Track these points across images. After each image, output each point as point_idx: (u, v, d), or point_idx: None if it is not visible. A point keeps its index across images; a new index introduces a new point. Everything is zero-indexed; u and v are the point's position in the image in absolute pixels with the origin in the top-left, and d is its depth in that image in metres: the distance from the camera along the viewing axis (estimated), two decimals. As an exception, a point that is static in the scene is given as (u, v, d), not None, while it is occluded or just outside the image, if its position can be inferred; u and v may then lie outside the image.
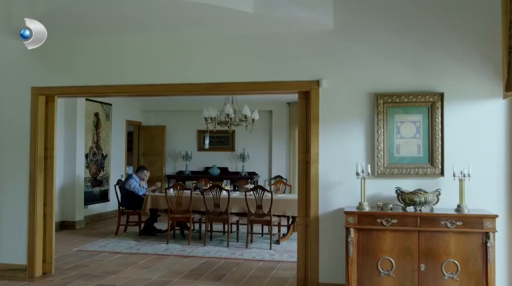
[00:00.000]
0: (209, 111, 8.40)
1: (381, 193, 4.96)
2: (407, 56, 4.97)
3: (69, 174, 9.46)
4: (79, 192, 9.62)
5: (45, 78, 5.72)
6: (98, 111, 10.62)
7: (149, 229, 8.69)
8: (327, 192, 5.09)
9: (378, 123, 4.97)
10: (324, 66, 5.12)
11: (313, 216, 5.09)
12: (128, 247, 7.64)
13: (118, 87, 5.53)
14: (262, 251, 7.41)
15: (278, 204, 7.70)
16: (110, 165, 11.09)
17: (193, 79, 5.36)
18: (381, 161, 4.97)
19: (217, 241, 8.16)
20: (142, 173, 8.95)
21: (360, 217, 4.58)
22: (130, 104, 12.07)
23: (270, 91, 5.41)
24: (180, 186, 7.94)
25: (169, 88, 5.40)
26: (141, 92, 5.53)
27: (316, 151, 5.10)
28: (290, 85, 5.21)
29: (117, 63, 5.59)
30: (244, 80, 5.28)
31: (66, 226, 9.32)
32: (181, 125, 12.51)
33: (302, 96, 5.28)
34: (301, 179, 5.28)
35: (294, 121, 11.68)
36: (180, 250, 7.42)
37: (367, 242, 4.57)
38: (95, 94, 5.80)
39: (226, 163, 12.37)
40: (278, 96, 10.90)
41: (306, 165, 5.24)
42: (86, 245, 7.70)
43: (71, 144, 9.48)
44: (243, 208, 7.86)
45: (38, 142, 5.72)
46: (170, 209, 7.92)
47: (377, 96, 4.97)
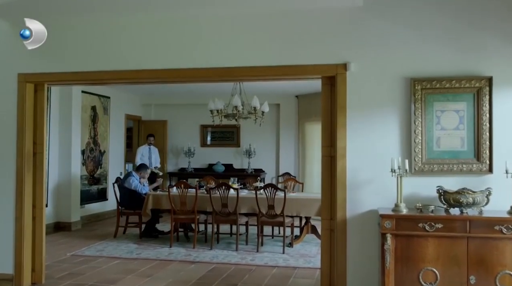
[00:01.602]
0: (216, 103, 7.73)
1: (418, 192, 4.32)
2: (449, 37, 4.33)
3: (64, 171, 8.81)
4: (75, 190, 8.96)
5: (33, 63, 5.06)
6: (96, 104, 9.96)
7: (151, 230, 8.05)
8: (355, 192, 4.45)
9: (415, 112, 4.32)
10: (352, 48, 4.47)
11: (340, 219, 4.45)
12: (128, 251, 7.00)
13: (117, 73, 4.87)
14: (274, 255, 6.77)
15: (291, 203, 7.05)
16: (108, 162, 10.44)
17: (201, 64, 4.70)
18: (419, 156, 4.33)
19: (224, 244, 7.52)
20: (144, 172, 8.31)
21: (399, 221, 3.94)
22: (130, 97, 11.42)
23: (289, 76, 4.76)
24: (184, 184, 7.29)
25: (174, 74, 4.74)
26: (142, 78, 4.86)
27: (343, 145, 4.45)
28: (313, 70, 4.55)
29: (115, 46, 4.94)
30: (260, 65, 4.62)
31: (61, 228, 8.67)
32: (183, 119, 11.86)
33: (327, 82, 4.63)
34: (325, 176, 4.63)
35: (303, 115, 11.04)
36: (185, 255, 6.78)
37: (406, 250, 3.93)
38: (90, 81, 5.13)
39: (231, 159, 11.72)
40: (286, 89, 10.29)
41: (331, 161, 4.60)
42: (82, 249, 7.06)
43: (66, 139, 8.82)
44: (253, 208, 7.23)
45: (26, 136, 5.07)
46: (174, 209, 7.28)
47: (414, 82, 4.32)
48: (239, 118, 7.85)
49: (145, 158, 10.43)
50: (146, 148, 10.63)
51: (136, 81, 5.02)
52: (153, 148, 10.75)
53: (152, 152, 10.66)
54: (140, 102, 11.93)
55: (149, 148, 10.64)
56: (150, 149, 10.65)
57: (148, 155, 10.54)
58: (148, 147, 10.65)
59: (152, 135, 10.90)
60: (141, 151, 10.57)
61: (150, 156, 10.57)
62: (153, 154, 10.67)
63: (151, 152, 10.63)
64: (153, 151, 10.68)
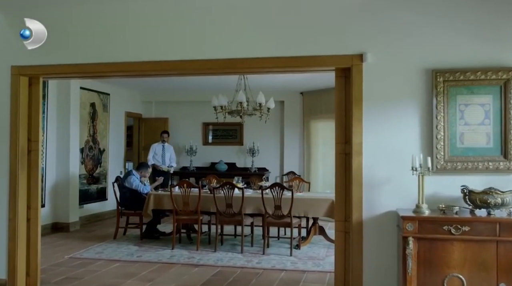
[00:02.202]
0: (220, 99, 7.42)
1: (439, 192, 4.02)
2: (474, 25, 4.02)
3: (62, 170, 8.50)
4: (74, 190, 8.66)
5: (27, 56, 4.69)
6: (95, 101, 9.66)
7: (152, 232, 7.75)
8: (372, 191, 4.14)
9: (437, 106, 4.02)
10: (368, 37, 4.16)
11: (356, 220, 4.14)
12: (129, 253, 6.70)
13: (117, 66, 4.55)
14: (281, 258, 6.47)
15: (298, 203, 6.76)
16: (108, 161, 10.15)
17: (207, 55, 4.39)
18: (441, 153, 4.02)
19: (228, 246, 7.22)
20: (145, 171, 8.01)
21: (422, 223, 3.64)
22: (130, 94, 11.11)
23: (301, 68, 4.45)
24: (187, 183, 6.99)
25: (178, 66, 4.42)
26: (145, 71, 4.55)
27: (359, 141, 4.15)
28: (327, 61, 4.25)
29: (116, 37, 4.63)
30: (269, 56, 4.31)
31: (59, 228, 8.37)
32: (184, 117, 11.54)
33: (341, 74, 4.32)
34: (339, 175, 4.33)
35: (308, 112, 10.73)
36: (188, 258, 6.48)
37: (430, 255, 3.63)
38: (89, 74, 4.81)
39: (234, 158, 11.41)
40: (291, 85, 9.99)
41: (345, 158, 4.29)
42: (80, 251, 6.76)
43: (64, 137, 8.51)
44: (258, 208, 6.93)
45: (20, 132, 4.76)
46: (176, 210, 6.98)
47: (435, 73, 4.01)
48: (243, 115, 7.54)
49: (158, 156, 10.04)
50: (160, 145, 10.15)
51: (137, 74, 4.70)
52: (168, 145, 10.27)
53: (166, 149, 10.19)
54: (141, 99, 11.63)
55: (162, 146, 10.15)
56: (164, 147, 10.16)
57: (161, 153, 10.09)
58: (161, 145, 10.16)
59: (166, 132, 10.43)
60: (154, 148, 10.11)
61: (164, 154, 10.11)
62: (167, 151, 10.19)
63: (165, 149, 10.16)
64: (167, 149, 10.20)
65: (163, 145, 10.16)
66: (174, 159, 10.40)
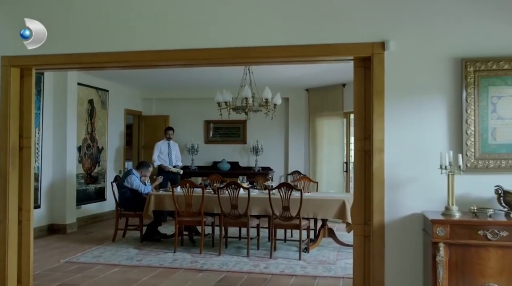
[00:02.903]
0: (224, 95, 7.06)
1: (470, 193, 3.66)
2: (508, 10, 3.66)
3: (59, 169, 8.14)
4: (71, 190, 8.30)
5: (19, 45, 4.32)
6: (93, 97, 9.30)
7: (152, 234, 7.40)
8: (395, 192, 3.78)
9: (466, 99, 3.66)
10: (391, 23, 3.81)
11: (377, 224, 3.78)
12: (128, 257, 6.34)
13: (118, 56, 4.17)
14: (290, 262, 6.12)
15: (307, 204, 6.40)
16: (106, 159, 9.79)
17: (215, 44, 4.01)
18: (471, 150, 3.67)
19: (233, 249, 6.86)
20: (146, 171, 7.65)
21: (454, 228, 3.27)
22: (129, 91, 10.75)
23: (316, 57, 4.08)
24: (190, 183, 6.64)
25: (185, 56, 4.04)
26: (148, 61, 4.17)
27: (380, 137, 3.79)
28: (345, 49, 3.87)
29: (117, 24, 4.25)
30: (283, 44, 3.94)
31: (55, 230, 8.01)
32: (186, 115, 11.17)
33: (360, 64, 3.96)
34: (358, 174, 3.96)
35: (314, 109, 10.37)
36: (191, 262, 6.12)
37: (463, 263, 3.27)
38: (85, 65, 4.42)
39: (237, 156, 11.05)
40: (296, 82, 9.63)
41: (365, 156, 3.93)
42: (77, 255, 6.39)
43: (61, 134, 8.15)
44: (265, 210, 6.58)
45: (11, 128, 4.40)
46: (178, 211, 6.62)
47: (465, 63, 3.65)
48: (249, 112, 7.17)
49: (164, 155, 9.37)
50: (165, 143, 9.46)
51: (139, 65, 4.33)
52: (173, 143, 9.62)
53: (172, 148, 9.53)
54: (141, 96, 11.27)
55: (168, 143, 9.47)
56: (170, 145, 9.49)
57: (167, 151, 9.41)
58: (167, 142, 9.47)
59: (171, 129, 9.71)
60: (159, 147, 9.40)
61: (170, 152, 9.43)
62: (173, 150, 9.53)
63: (171, 148, 9.49)
64: (173, 147, 9.55)
65: (168, 143, 9.50)
66: (179, 157, 9.75)
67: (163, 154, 9.38)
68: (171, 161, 9.40)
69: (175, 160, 9.51)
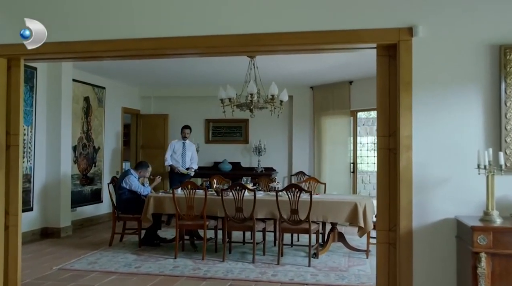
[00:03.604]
0: (228, 91, 6.65)
1: (509, 195, 3.28)
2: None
3: (53, 170, 7.72)
4: (65, 192, 7.87)
5: (5, 32, 3.99)
6: (89, 95, 8.89)
7: (152, 238, 6.98)
8: (424, 194, 3.40)
9: (506, 90, 3.29)
10: (420, 7, 3.43)
11: (404, 230, 3.40)
12: (126, 263, 5.93)
13: (115, 44, 3.79)
14: (299, 269, 5.71)
15: (317, 207, 6.00)
16: (103, 160, 9.37)
17: (224, 30, 3.63)
18: (511, 147, 3.28)
19: (237, 254, 6.45)
20: (145, 171, 7.23)
21: (497, 236, 2.89)
22: (127, 88, 10.34)
23: (335, 45, 3.68)
24: (191, 184, 6.23)
25: (190, 43, 3.66)
26: (149, 50, 3.77)
27: (408, 133, 3.40)
28: (367, 36, 3.50)
29: (113, 9, 3.87)
30: (297, 30, 3.56)
31: (49, 234, 7.58)
32: (186, 113, 10.74)
33: (384, 52, 3.58)
34: (382, 175, 3.58)
35: (319, 108, 9.97)
36: (193, 269, 5.71)
37: (507, 275, 2.89)
38: (78, 54, 4.01)
39: (238, 157, 10.64)
40: (300, 79, 9.24)
41: (389, 154, 3.55)
42: (71, 261, 5.98)
43: (55, 133, 7.72)
44: (271, 213, 6.19)
45: (-3, 124, 4.00)
46: (179, 214, 6.22)
47: (504, 50, 3.29)
48: (254, 109, 6.76)
49: (177, 155, 8.77)
50: (180, 143, 8.83)
51: (139, 54, 3.92)
52: (189, 143, 9.00)
53: (187, 148, 8.88)
54: (139, 94, 10.86)
55: (183, 143, 8.84)
56: (185, 145, 8.85)
57: (181, 152, 8.80)
58: (182, 142, 8.84)
59: (188, 127, 8.97)
60: (173, 146, 8.83)
61: (184, 152, 8.82)
62: (188, 150, 8.88)
63: (186, 148, 8.85)
64: (188, 147, 8.90)
65: (183, 143, 8.87)
66: (195, 159, 9.04)
67: (176, 154, 8.81)
68: (184, 162, 8.82)
69: (190, 161, 8.89)
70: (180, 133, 8.96)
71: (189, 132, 8.93)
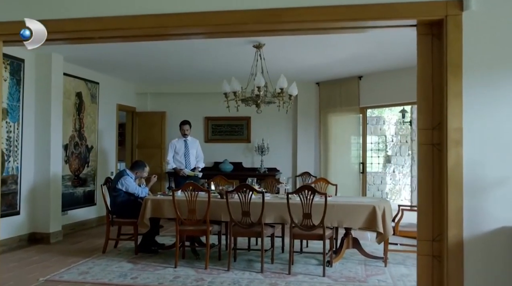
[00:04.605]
0: (232, 84, 6.08)
1: None
2: None
3: (42, 170, 7.13)
4: (56, 194, 7.29)
5: None
6: (81, 90, 8.31)
7: (149, 244, 6.42)
8: (477, 198, 2.88)
9: None
10: (471, -26, 2.89)
11: (453, 240, 2.86)
12: (121, 273, 5.36)
13: (112, 21, 3.25)
14: (313, 280, 5.17)
15: (331, 211, 5.45)
16: (97, 160, 8.79)
17: (235, 4, 3.10)
18: None
19: (243, 262, 5.90)
20: (142, 171, 6.66)
21: None
22: (122, 84, 9.76)
23: (367, 22, 3.14)
24: (193, 186, 5.67)
25: (196, 21, 3.13)
26: (147, 29, 3.23)
27: (457, 125, 2.87)
28: (406, 10, 2.97)
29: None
30: (323, 4, 3.02)
31: (37, 240, 7.00)
32: (184, 111, 10.12)
33: (426, 30, 3.05)
34: (423, 175, 3.05)
35: (325, 105, 9.44)
36: (196, 279, 5.15)
37: None
38: (68, 35, 3.43)
39: (240, 156, 10.09)
40: (306, 74, 8.70)
41: (433, 151, 3.01)
42: (60, 271, 5.40)
43: (45, 131, 7.14)
44: (280, 217, 5.65)
45: (-29, 115, 3.43)
46: (180, 219, 5.66)
47: None
48: (261, 103, 6.20)
49: (180, 155, 7.90)
50: (181, 141, 7.94)
51: (139, 34, 3.36)
52: (192, 140, 8.07)
53: (190, 146, 7.96)
54: (135, 90, 10.28)
55: (184, 141, 7.94)
56: (187, 143, 7.95)
57: (183, 151, 7.92)
58: (183, 140, 7.96)
59: (187, 123, 8.01)
60: (174, 146, 7.94)
61: (187, 151, 7.93)
62: (192, 148, 7.96)
63: (188, 146, 7.94)
64: (191, 145, 7.97)
65: (185, 140, 7.98)
66: (201, 156, 8.10)
67: (178, 154, 7.91)
68: (189, 162, 7.91)
69: (195, 160, 7.99)
70: (179, 130, 8.13)
71: (189, 128, 8.04)
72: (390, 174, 14.28)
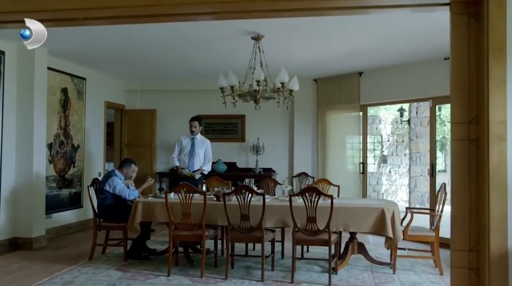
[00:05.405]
0: (229, 79, 5.66)
1: None
2: None
3: (24, 171, 6.66)
4: (39, 196, 6.81)
5: None
6: (67, 86, 7.83)
7: (140, 250, 5.98)
8: (523, 203, 2.48)
9: None
10: None
11: (496, 251, 2.48)
12: (109, 282, 4.92)
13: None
14: (319, 289, 4.78)
15: (337, 214, 5.07)
16: (84, 160, 8.32)
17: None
18: None
19: (241, 270, 5.49)
20: (129, 168, 6.20)
21: None
22: (110, 81, 9.29)
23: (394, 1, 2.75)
24: (188, 187, 5.24)
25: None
26: (140, 7, 2.79)
27: (501, 118, 2.49)
28: (440, -13, 2.57)
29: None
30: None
31: (19, 246, 6.53)
32: (175, 109, 9.74)
33: (461, 10, 2.66)
34: (458, 175, 2.66)
35: (324, 102, 9.07)
36: (192, 290, 4.74)
37: None
38: (48, 15, 2.98)
39: (234, 156, 9.67)
40: (303, 71, 8.21)
41: (469, 148, 2.62)
42: (42, 281, 4.95)
43: (27, 129, 6.66)
44: (282, 221, 5.27)
45: None
46: (173, 223, 5.24)
47: None
48: (260, 99, 5.79)
49: (185, 154, 7.29)
50: (188, 139, 7.31)
51: (126, 15, 2.93)
52: (201, 139, 7.35)
53: (197, 145, 7.28)
54: (123, 87, 9.81)
55: (192, 140, 7.31)
56: (194, 142, 7.29)
57: (189, 150, 7.28)
58: (190, 138, 7.31)
59: (195, 119, 7.31)
60: (181, 143, 7.35)
61: (192, 151, 7.27)
62: (199, 148, 7.28)
63: (195, 145, 7.27)
64: (198, 145, 7.28)
65: (193, 139, 7.32)
66: (209, 158, 7.33)
67: (184, 152, 7.31)
68: (192, 163, 7.26)
69: (200, 162, 7.29)
70: (189, 127, 7.33)
71: (198, 125, 7.27)
72: (386, 174, 13.97)
